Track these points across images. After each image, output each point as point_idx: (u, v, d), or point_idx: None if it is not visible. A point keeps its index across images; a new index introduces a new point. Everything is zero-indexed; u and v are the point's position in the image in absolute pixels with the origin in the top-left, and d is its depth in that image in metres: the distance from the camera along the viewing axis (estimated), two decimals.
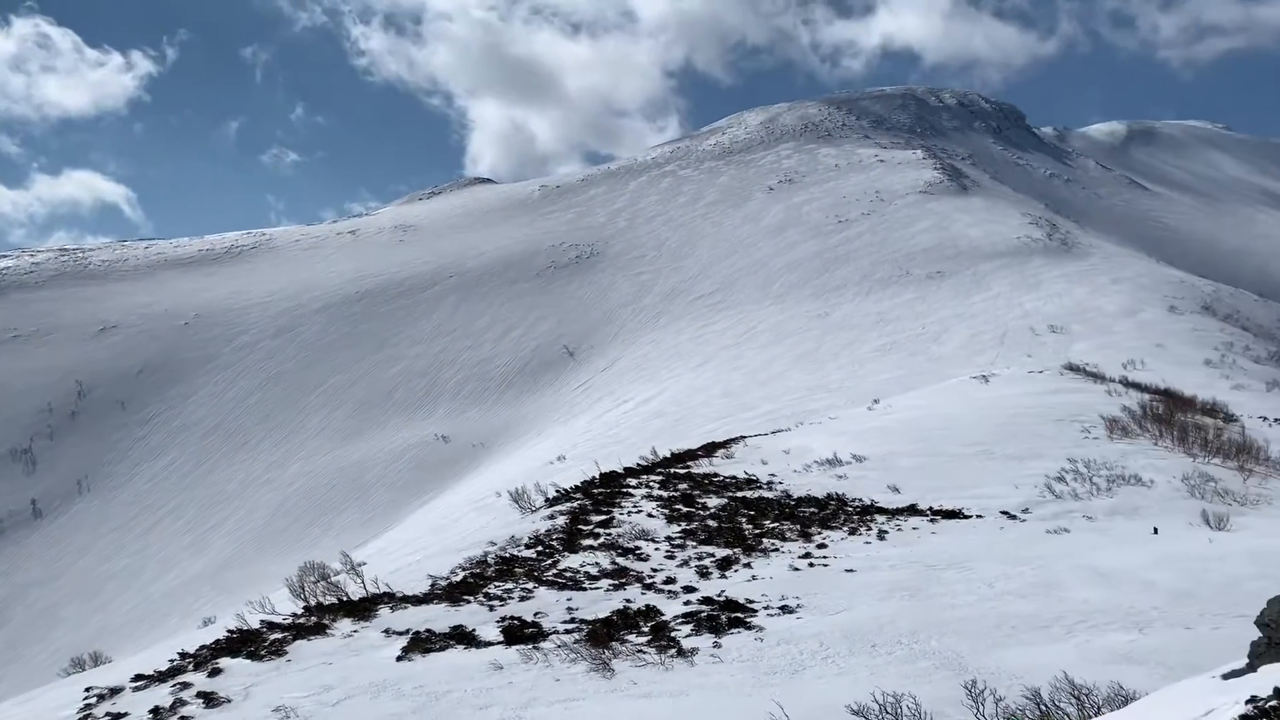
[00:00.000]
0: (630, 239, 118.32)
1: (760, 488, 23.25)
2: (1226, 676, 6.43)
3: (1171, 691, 6.67)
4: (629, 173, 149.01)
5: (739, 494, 22.31)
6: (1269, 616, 7.18)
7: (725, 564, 16.19)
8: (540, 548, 17.73)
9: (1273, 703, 4.93)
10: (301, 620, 13.75)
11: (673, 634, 12.33)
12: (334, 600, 15.04)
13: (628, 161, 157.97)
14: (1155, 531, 18.63)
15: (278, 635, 13.07)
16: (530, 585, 15.13)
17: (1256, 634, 7.70)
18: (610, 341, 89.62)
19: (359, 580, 16.39)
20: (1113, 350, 51.57)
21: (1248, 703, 5.09)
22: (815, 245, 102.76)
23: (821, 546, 17.28)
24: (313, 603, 15.14)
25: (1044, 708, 8.82)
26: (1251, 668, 6.59)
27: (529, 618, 13.32)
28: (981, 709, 8.81)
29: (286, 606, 15.86)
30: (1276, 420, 34.64)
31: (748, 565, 16.10)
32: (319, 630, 13.15)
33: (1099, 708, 8.70)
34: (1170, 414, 30.72)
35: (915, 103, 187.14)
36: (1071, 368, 44.39)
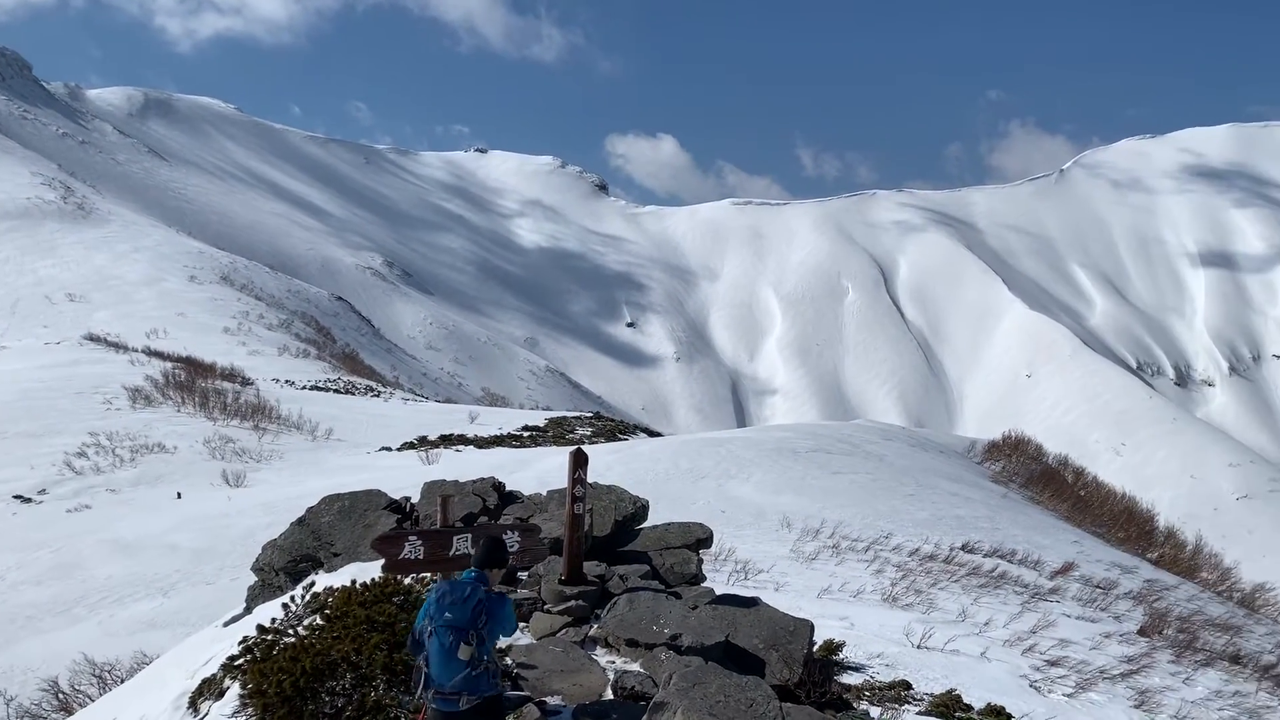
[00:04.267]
0: None
1: None
2: (227, 623, 7.11)
3: (182, 648, 7.11)
4: None
5: None
6: (262, 561, 8.14)
7: None
8: None
9: (257, 638, 5.66)
10: None
11: None
12: None
13: None
14: (179, 496, 19.27)
15: None
16: None
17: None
18: None
19: None
20: (136, 319, 51.07)
21: (240, 644, 5.71)
22: None
23: None
24: None
25: (63, 695, 8.54)
26: (248, 610, 7.40)
27: None
28: None
29: None
30: (287, 381, 38.71)
31: None
32: None
33: (122, 679, 8.78)
34: (192, 381, 31.90)
35: None
36: (93, 338, 42.74)
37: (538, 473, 17.78)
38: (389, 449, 25.52)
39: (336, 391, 39.90)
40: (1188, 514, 72.89)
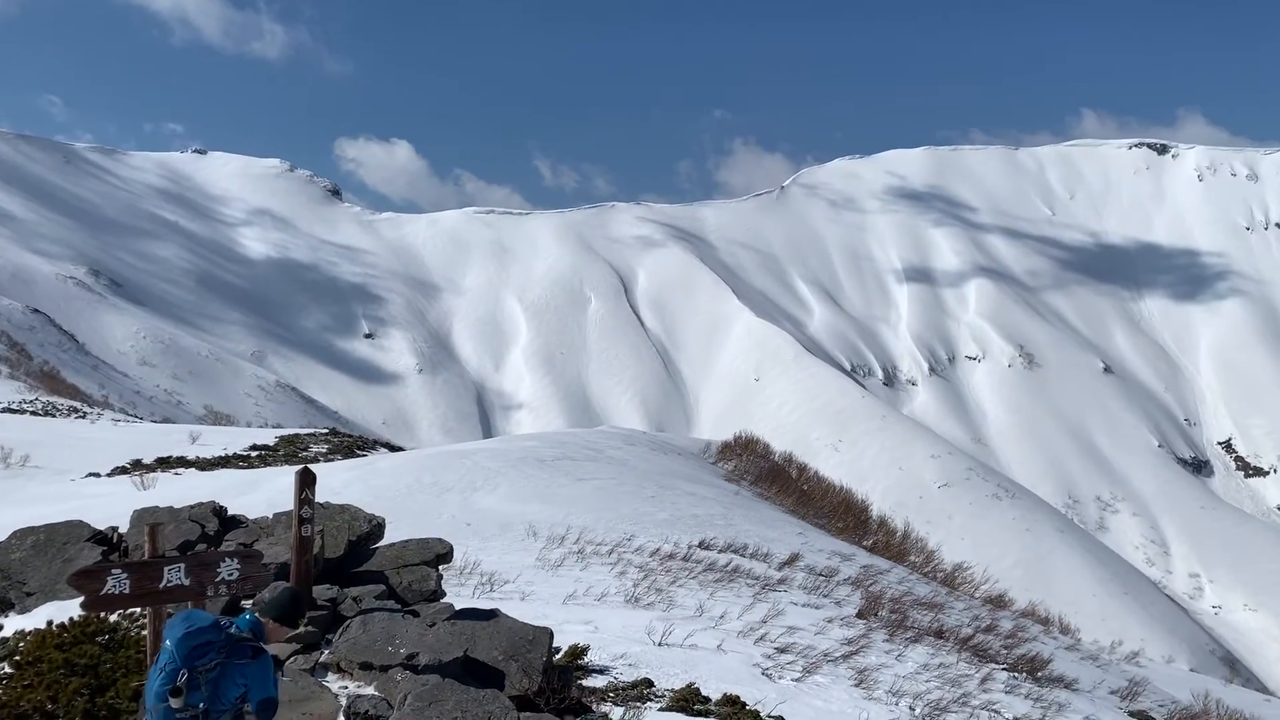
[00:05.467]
0: None
1: None
2: None
3: None
4: None
5: None
6: None
7: None
8: None
9: None
10: None
11: None
12: None
13: None
14: None
15: None
16: None
17: None
18: None
19: None
20: None
21: None
22: None
23: None
24: None
25: None
26: None
27: None
28: None
29: None
30: None
31: None
32: None
33: None
34: None
35: None
36: None
37: (268, 494, 16.77)
38: (97, 475, 23.23)
39: (34, 414, 35.96)
40: (897, 502, 79.87)
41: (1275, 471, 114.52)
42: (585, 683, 7.18)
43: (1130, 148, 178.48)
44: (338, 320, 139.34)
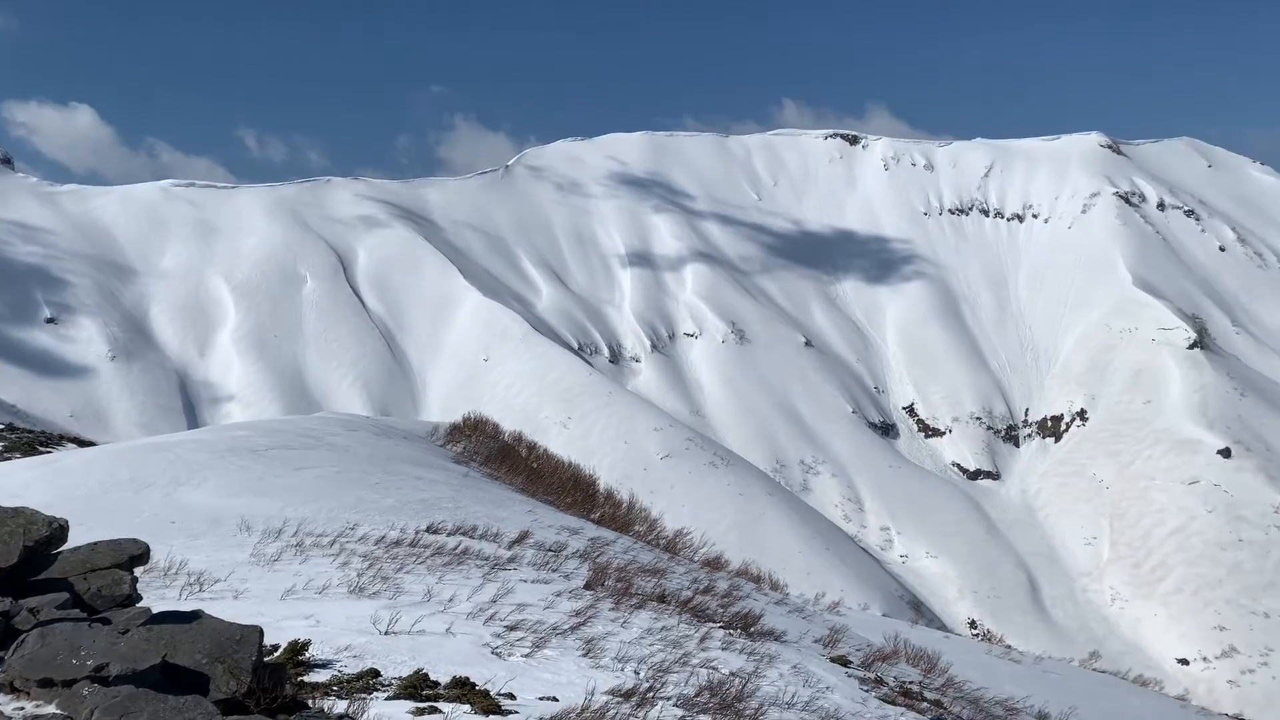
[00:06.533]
0: None
1: None
2: None
3: None
4: None
5: None
6: None
7: None
8: None
9: None
10: None
11: None
12: None
13: None
14: None
15: None
16: None
17: None
18: None
19: None
20: None
21: None
22: None
23: None
24: None
25: None
26: None
27: None
28: None
29: None
30: None
31: None
32: None
33: None
34: None
35: None
36: None
37: None
38: None
39: None
40: (624, 475, 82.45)
41: (950, 432, 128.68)
42: (307, 679, 6.90)
43: (826, 138, 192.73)
44: (12, 307, 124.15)
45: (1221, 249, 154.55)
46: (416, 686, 7.02)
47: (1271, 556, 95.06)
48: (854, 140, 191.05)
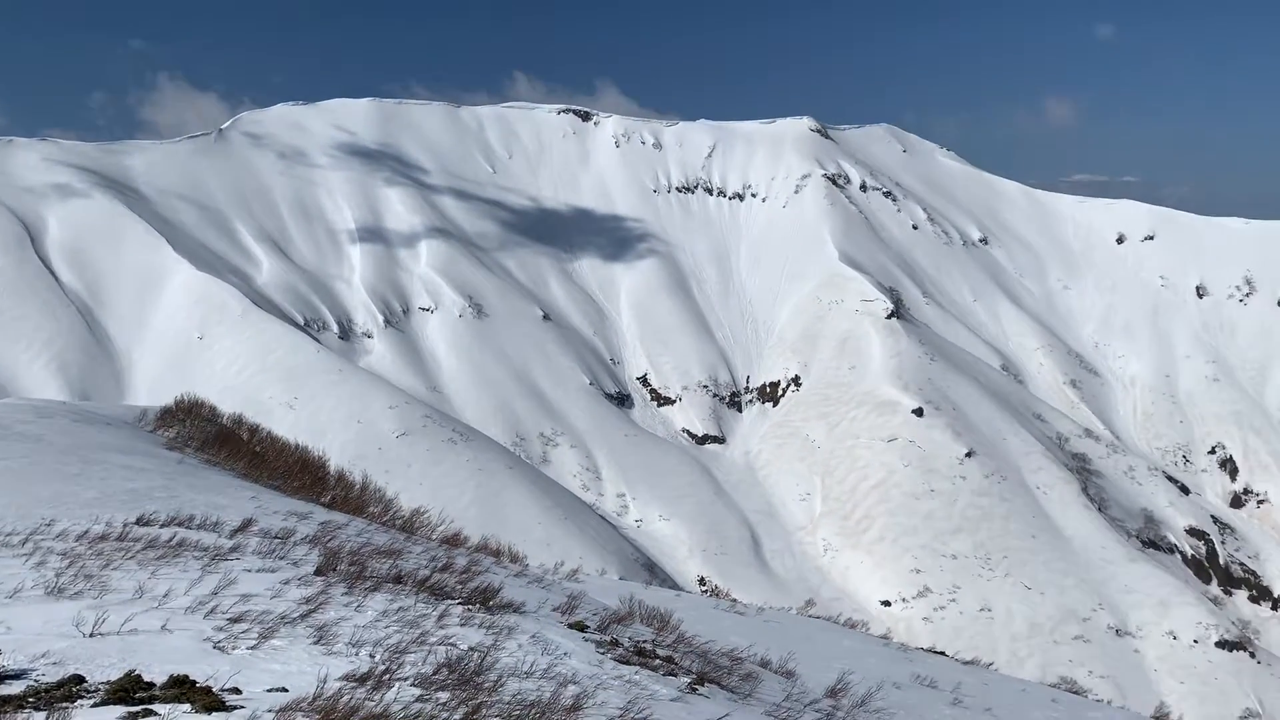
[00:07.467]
0: None
1: None
2: None
3: None
4: None
5: None
6: None
7: None
8: None
9: None
10: None
11: None
12: None
13: None
14: None
15: None
16: None
17: None
18: None
19: None
20: None
21: None
22: None
23: None
24: None
25: None
26: None
27: None
28: None
29: None
30: None
31: None
32: None
33: None
34: None
35: None
36: None
37: None
38: None
39: None
40: (357, 455, 79.89)
41: (680, 400, 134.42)
42: None
43: (559, 113, 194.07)
44: None
45: (914, 227, 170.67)
46: (128, 689, 6.57)
47: (958, 504, 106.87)
48: (586, 116, 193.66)
